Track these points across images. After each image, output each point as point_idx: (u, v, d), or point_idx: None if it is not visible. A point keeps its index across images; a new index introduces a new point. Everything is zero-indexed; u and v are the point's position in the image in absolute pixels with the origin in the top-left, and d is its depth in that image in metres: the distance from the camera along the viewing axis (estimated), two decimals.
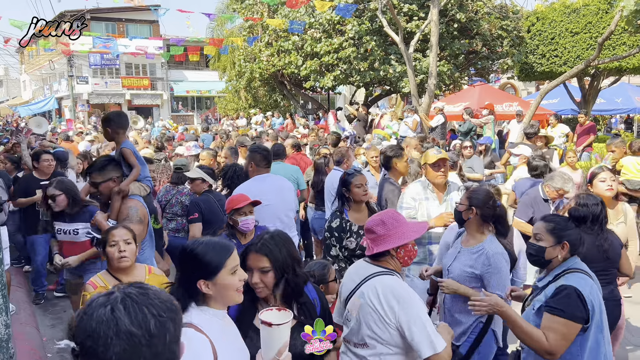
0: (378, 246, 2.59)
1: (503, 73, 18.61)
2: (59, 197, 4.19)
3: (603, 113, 20.34)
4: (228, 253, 1.96)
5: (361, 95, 21.09)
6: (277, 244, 2.31)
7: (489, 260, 3.16)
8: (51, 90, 40.28)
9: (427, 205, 4.28)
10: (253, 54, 18.07)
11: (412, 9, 14.57)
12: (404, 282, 2.61)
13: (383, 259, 2.61)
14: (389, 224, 2.60)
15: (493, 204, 3.28)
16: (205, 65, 36.74)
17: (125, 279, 2.92)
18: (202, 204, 4.87)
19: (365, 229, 2.68)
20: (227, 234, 3.68)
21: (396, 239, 2.57)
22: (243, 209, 3.64)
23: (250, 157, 4.57)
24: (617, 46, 15.10)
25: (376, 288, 2.49)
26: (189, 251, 1.96)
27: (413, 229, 2.66)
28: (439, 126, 12.13)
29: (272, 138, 10.53)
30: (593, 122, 13.21)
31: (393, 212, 2.74)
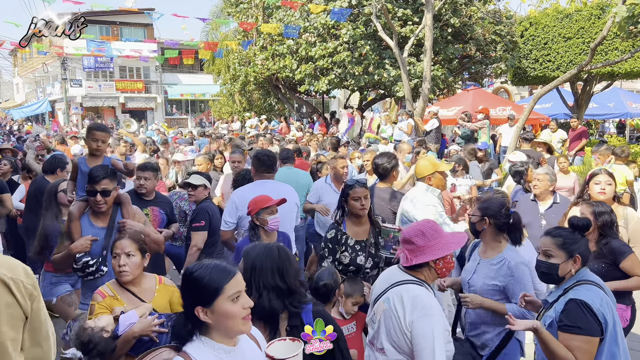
0: (417, 257, 2.51)
1: (496, 77, 18.70)
2: None
3: (595, 117, 20.48)
4: (228, 277, 1.81)
5: (355, 99, 21.13)
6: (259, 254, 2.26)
7: (511, 271, 3.07)
8: (44, 93, 40.12)
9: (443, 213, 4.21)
10: (248, 57, 18.08)
11: (407, 13, 14.63)
12: (432, 294, 2.54)
13: (418, 270, 2.55)
14: (429, 234, 2.52)
15: (506, 212, 3.20)
16: (200, 68, 36.71)
17: (134, 289, 2.85)
18: (211, 211, 4.68)
19: (403, 239, 2.60)
20: (250, 236, 3.63)
21: (437, 251, 2.50)
22: (271, 208, 3.60)
23: (254, 162, 4.49)
24: (610, 51, 15.22)
25: (402, 296, 2.45)
26: (188, 274, 1.85)
27: (453, 240, 2.58)
28: (433, 130, 12.17)
29: (268, 142, 10.52)
30: (585, 127, 13.30)
31: (432, 223, 2.64)
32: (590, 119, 20.05)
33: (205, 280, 1.79)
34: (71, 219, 3.49)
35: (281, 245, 2.39)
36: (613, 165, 6.96)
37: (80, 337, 2.35)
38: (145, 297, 2.85)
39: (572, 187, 6.82)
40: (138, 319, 2.53)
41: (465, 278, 3.31)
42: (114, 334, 2.47)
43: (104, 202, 3.42)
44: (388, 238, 3.60)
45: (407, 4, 15.21)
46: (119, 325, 2.51)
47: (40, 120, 39.28)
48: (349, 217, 3.71)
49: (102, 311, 2.70)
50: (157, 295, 2.88)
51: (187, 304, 1.83)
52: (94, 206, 3.44)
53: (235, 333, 1.85)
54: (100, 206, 3.42)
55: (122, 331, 2.48)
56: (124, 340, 2.47)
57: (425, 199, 4.16)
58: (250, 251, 2.33)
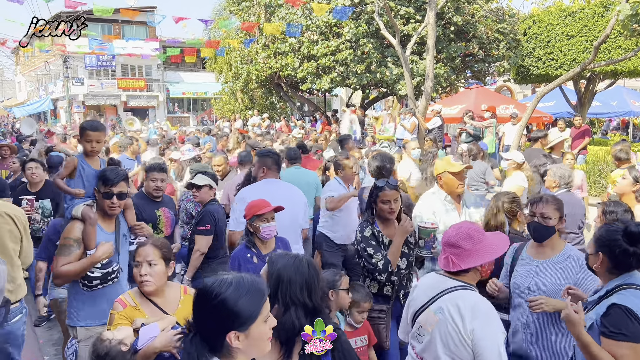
0: (464, 262, 2.40)
1: (499, 76, 18.65)
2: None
3: (599, 116, 20.44)
4: (263, 297, 1.66)
5: (358, 97, 21.10)
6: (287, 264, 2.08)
7: (581, 265, 2.91)
8: (46, 91, 40.18)
9: (447, 219, 3.95)
10: (250, 55, 18.06)
11: (409, 11, 14.59)
12: (485, 298, 2.43)
13: (464, 274, 2.44)
14: (476, 237, 2.42)
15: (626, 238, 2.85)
16: (202, 66, 36.72)
17: (157, 300, 2.68)
18: (216, 213, 4.48)
19: (447, 243, 2.47)
20: (246, 242, 3.49)
21: (484, 254, 2.40)
22: (265, 215, 3.40)
23: (261, 161, 4.25)
24: (613, 49, 15.16)
25: (458, 304, 2.33)
26: (214, 296, 1.61)
27: (498, 242, 2.47)
28: (435, 128, 12.15)
29: (270, 141, 10.50)
30: (588, 125, 13.26)
31: (475, 225, 2.54)
32: (593, 117, 20.00)
33: (240, 304, 1.60)
34: (92, 223, 3.24)
35: (311, 260, 2.23)
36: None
37: (97, 350, 2.24)
38: (169, 309, 2.68)
39: (580, 184, 6.85)
40: (159, 332, 2.36)
41: (521, 283, 3.09)
42: (132, 347, 2.31)
43: (118, 205, 3.29)
44: (429, 238, 3.46)
45: (409, 2, 15.17)
46: (138, 338, 2.35)
47: (42, 119, 39.33)
48: (378, 216, 3.60)
49: (121, 322, 2.55)
50: (181, 307, 2.70)
51: (210, 328, 1.62)
52: (108, 209, 3.28)
53: (262, 354, 1.70)
54: (115, 209, 3.29)
55: (141, 345, 2.33)
56: (143, 356, 2.32)
57: (423, 205, 4.06)
58: (277, 260, 2.15)
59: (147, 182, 4.70)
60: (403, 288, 3.60)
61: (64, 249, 3.20)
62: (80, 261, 3.18)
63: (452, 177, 3.97)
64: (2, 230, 3.45)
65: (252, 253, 3.42)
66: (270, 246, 3.52)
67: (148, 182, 4.68)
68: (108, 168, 3.36)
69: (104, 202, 3.26)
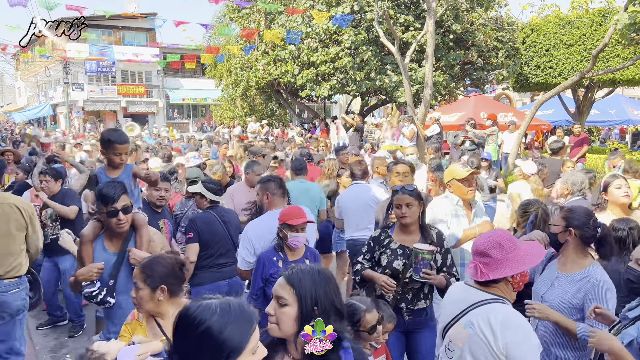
0: (494, 272, 2.27)
1: (498, 84, 18.73)
2: None
3: (597, 124, 20.50)
4: (252, 326, 1.50)
5: (357, 104, 21.15)
6: (314, 281, 1.87)
7: (595, 289, 2.78)
8: (46, 97, 40.24)
9: (458, 224, 3.92)
10: (249, 62, 18.12)
11: (408, 19, 14.66)
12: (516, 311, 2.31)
13: (494, 285, 2.31)
14: (507, 246, 2.29)
15: (594, 224, 2.91)
16: (202, 73, 36.81)
17: (161, 321, 2.56)
18: (200, 222, 4.36)
19: (477, 251, 2.35)
20: (275, 246, 3.49)
21: (515, 264, 2.26)
22: (296, 226, 3.37)
23: (264, 187, 4.06)
24: (611, 58, 15.24)
25: (489, 318, 2.21)
26: (196, 323, 1.45)
27: (532, 251, 2.34)
28: (434, 136, 12.17)
29: (271, 148, 10.50)
30: (587, 134, 13.29)
31: (507, 233, 2.41)
32: (591, 125, 20.06)
33: (226, 334, 1.44)
34: (83, 241, 3.15)
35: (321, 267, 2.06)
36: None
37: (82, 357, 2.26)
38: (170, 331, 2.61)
39: None
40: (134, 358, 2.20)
41: (539, 291, 3.04)
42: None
43: (126, 221, 3.09)
44: (417, 260, 3.26)
45: (409, 10, 15.26)
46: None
47: (42, 124, 39.37)
48: (398, 223, 3.52)
49: (125, 334, 2.56)
50: None
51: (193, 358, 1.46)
52: (116, 227, 3.08)
53: None
54: (123, 225, 3.09)
55: None
56: None
57: (435, 207, 4.01)
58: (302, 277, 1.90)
59: (150, 192, 4.60)
60: (407, 302, 3.40)
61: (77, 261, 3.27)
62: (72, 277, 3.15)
63: (460, 183, 3.95)
64: (10, 218, 3.95)
65: (278, 257, 3.44)
66: (299, 254, 3.52)
67: (151, 192, 4.58)
68: (105, 185, 3.14)
69: (109, 221, 3.08)
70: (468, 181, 3.95)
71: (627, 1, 8.10)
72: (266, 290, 3.41)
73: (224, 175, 6.45)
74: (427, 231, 3.44)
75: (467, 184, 3.94)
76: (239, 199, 5.45)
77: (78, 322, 5.54)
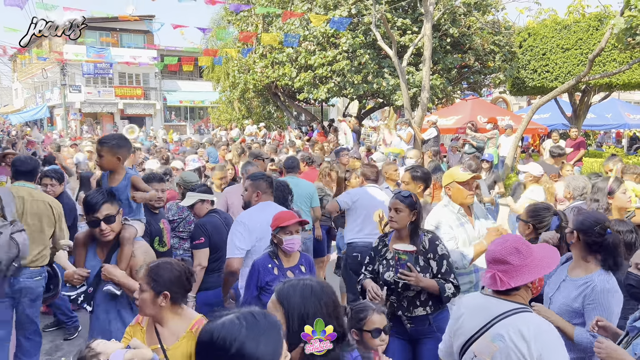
0: (515, 279, 2.18)
1: (495, 87, 18.78)
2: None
3: (593, 128, 20.55)
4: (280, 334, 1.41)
5: (354, 107, 21.18)
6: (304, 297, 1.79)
7: (594, 295, 2.75)
8: (43, 98, 40.15)
9: (464, 232, 3.84)
10: (247, 65, 18.13)
11: (406, 23, 14.70)
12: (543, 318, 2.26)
13: (515, 293, 2.22)
14: (524, 251, 2.22)
15: (600, 231, 2.84)
16: (199, 75, 36.82)
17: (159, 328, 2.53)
18: (210, 226, 4.33)
19: (494, 259, 2.26)
20: (269, 253, 3.41)
21: (536, 269, 2.19)
22: (289, 228, 3.31)
23: (254, 185, 4.07)
24: (608, 63, 15.30)
25: (521, 330, 2.11)
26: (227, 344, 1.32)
27: (547, 254, 2.28)
28: (431, 139, 12.18)
29: (271, 150, 10.48)
30: (583, 137, 13.34)
31: (520, 237, 2.37)
32: (588, 129, 20.12)
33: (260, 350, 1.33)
34: (76, 244, 3.19)
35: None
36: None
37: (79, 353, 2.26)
38: (167, 341, 2.52)
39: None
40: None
41: (548, 292, 3.01)
42: None
43: (109, 230, 3.04)
44: (395, 261, 3.27)
45: (406, 13, 15.30)
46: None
47: (39, 126, 39.28)
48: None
49: (127, 337, 2.58)
50: (180, 343, 2.51)
51: None
52: (99, 236, 3.07)
53: None
54: (107, 234, 3.04)
55: None
56: None
57: (437, 216, 3.94)
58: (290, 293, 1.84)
59: None
60: (403, 310, 3.37)
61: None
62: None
63: (461, 187, 3.87)
64: (43, 214, 4.33)
65: (273, 264, 3.36)
66: (293, 260, 3.44)
67: None
68: (89, 193, 3.11)
69: (94, 230, 3.06)
70: (468, 185, 3.89)
71: (623, 6, 8.13)
72: (262, 299, 3.30)
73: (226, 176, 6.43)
74: (416, 237, 3.40)
75: (468, 187, 3.88)
76: (232, 200, 5.43)
77: (72, 324, 5.49)
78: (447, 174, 4.09)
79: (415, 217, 3.40)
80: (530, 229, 3.59)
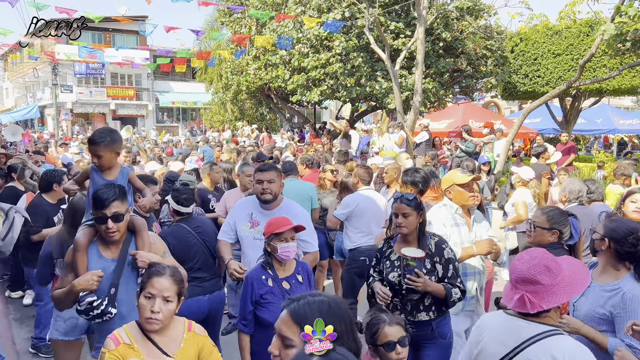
0: (546, 300, 2.01)
1: (487, 92, 18.90)
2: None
3: (584, 133, 20.75)
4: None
5: (347, 110, 21.21)
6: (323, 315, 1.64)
7: (624, 302, 2.63)
8: (34, 98, 39.87)
9: (458, 233, 3.80)
10: (240, 66, 18.11)
11: (399, 27, 14.76)
12: (576, 340, 2.11)
13: (545, 315, 2.06)
14: (554, 269, 2.05)
15: (634, 241, 2.72)
16: (192, 76, 36.72)
17: (157, 338, 2.36)
18: (170, 238, 4.05)
19: (522, 279, 2.09)
20: (262, 263, 3.20)
21: (569, 287, 2.02)
22: (284, 235, 3.09)
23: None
24: (598, 68, 15.45)
25: (553, 355, 1.97)
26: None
27: (577, 269, 2.10)
28: (423, 142, 12.24)
29: (268, 151, 10.48)
30: (573, 142, 13.46)
31: (547, 253, 2.14)
32: (578, 134, 20.30)
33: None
34: (77, 248, 2.87)
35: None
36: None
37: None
38: (170, 349, 2.37)
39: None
40: None
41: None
42: None
43: (116, 229, 2.82)
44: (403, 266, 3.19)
45: (399, 17, 15.36)
46: None
47: (30, 126, 38.98)
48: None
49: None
50: (183, 347, 2.40)
51: None
52: (105, 235, 2.85)
53: None
54: (113, 234, 2.83)
55: None
56: None
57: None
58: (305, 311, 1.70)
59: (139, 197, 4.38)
60: (406, 314, 3.26)
61: (64, 270, 2.93)
62: (62, 289, 2.86)
63: (461, 189, 3.82)
64: None
65: (267, 275, 3.15)
66: (289, 269, 3.23)
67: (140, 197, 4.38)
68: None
69: (99, 227, 2.86)
70: (469, 187, 3.83)
71: (614, 12, 8.22)
72: (257, 314, 3.13)
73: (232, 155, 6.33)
74: (424, 241, 3.32)
75: (468, 189, 3.83)
76: (230, 204, 5.40)
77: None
78: (447, 177, 4.04)
79: (423, 218, 3.34)
80: (555, 235, 3.30)
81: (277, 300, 3.06)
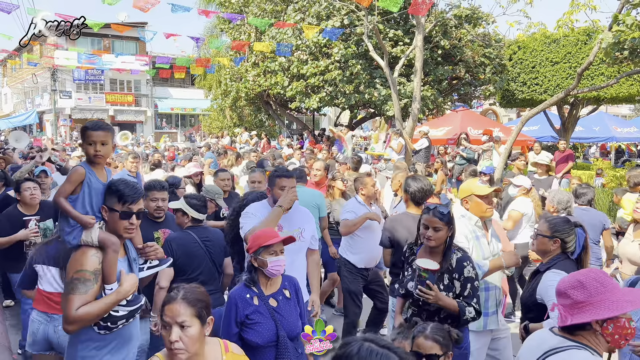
0: (574, 316, 1.99)
1: (485, 99, 18.95)
2: None
3: (581, 141, 20.79)
4: None
5: (346, 117, 21.25)
6: None
7: None
8: (33, 104, 39.88)
9: (479, 247, 3.71)
10: (239, 73, 18.15)
11: (398, 34, 14.82)
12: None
13: (579, 333, 2.02)
14: (592, 287, 1.99)
15: None
16: (191, 83, 36.79)
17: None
18: (175, 244, 3.92)
19: (558, 291, 2.10)
20: (246, 281, 2.97)
21: (602, 309, 1.95)
22: (274, 247, 2.90)
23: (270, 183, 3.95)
24: (596, 76, 15.51)
25: None
26: None
27: (628, 297, 1.99)
28: (422, 149, 12.25)
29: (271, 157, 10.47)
30: (571, 150, 13.49)
31: (597, 272, 2.08)
32: (576, 142, 20.35)
33: None
34: (115, 249, 2.65)
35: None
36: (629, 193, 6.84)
37: None
38: None
39: None
40: None
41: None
42: None
43: (135, 227, 2.74)
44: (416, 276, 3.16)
45: (398, 25, 15.42)
46: None
47: (28, 132, 38.97)
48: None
49: None
50: None
51: None
52: (123, 231, 2.70)
53: None
54: (133, 231, 2.73)
55: None
56: None
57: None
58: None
59: (147, 202, 4.26)
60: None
61: (80, 285, 2.54)
62: (103, 300, 2.58)
63: (480, 200, 3.74)
64: None
65: (252, 293, 2.94)
66: (275, 285, 3.03)
67: (148, 202, 4.26)
68: (123, 181, 2.76)
69: (119, 223, 2.67)
70: (487, 198, 3.74)
71: (612, 21, 8.26)
72: (243, 336, 2.91)
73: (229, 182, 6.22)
74: (449, 254, 3.22)
75: (487, 201, 3.74)
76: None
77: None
78: (465, 186, 3.94)
79: (452, 233, 3.25)
80: (557, 243, 3.20)
81: (264, 320, 2.88)
